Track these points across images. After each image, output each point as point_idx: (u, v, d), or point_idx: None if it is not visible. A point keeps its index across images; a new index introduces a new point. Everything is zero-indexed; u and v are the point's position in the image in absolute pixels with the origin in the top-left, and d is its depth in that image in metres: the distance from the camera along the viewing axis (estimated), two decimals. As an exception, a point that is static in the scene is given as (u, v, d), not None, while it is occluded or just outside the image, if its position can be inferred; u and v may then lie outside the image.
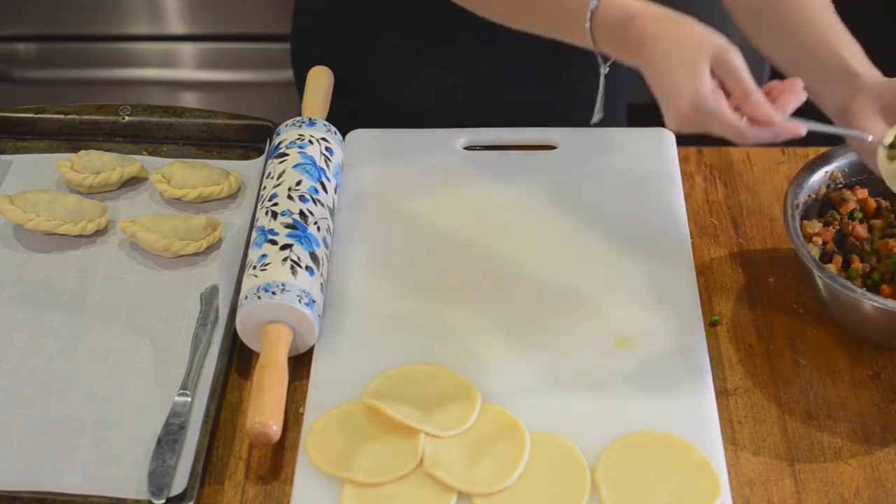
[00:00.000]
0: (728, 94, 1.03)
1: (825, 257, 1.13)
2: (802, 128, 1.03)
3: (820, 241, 1.15)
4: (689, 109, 1.00)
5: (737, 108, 1.02)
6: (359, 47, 1.40)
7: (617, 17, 1.05)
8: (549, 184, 1.28)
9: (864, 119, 1.10)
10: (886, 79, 1.12)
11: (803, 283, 1.19)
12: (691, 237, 1.23)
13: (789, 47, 1.17)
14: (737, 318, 1.17)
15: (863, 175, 1.19)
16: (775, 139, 1.02)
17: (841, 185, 1.20)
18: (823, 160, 1.20)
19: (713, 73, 1.02)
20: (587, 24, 1.05)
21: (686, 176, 1.30)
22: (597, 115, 1.12)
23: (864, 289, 1.08)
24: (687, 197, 1.28)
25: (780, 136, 1.02)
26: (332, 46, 1.40)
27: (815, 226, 1.16)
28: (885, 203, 1.19)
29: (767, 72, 2.43)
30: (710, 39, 1.02)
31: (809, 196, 1.18)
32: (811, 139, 1.29)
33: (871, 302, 1.06)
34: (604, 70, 1.08)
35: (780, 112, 1.02)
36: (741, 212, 1.27)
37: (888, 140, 1.08)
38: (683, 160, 1.32)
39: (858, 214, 1.18)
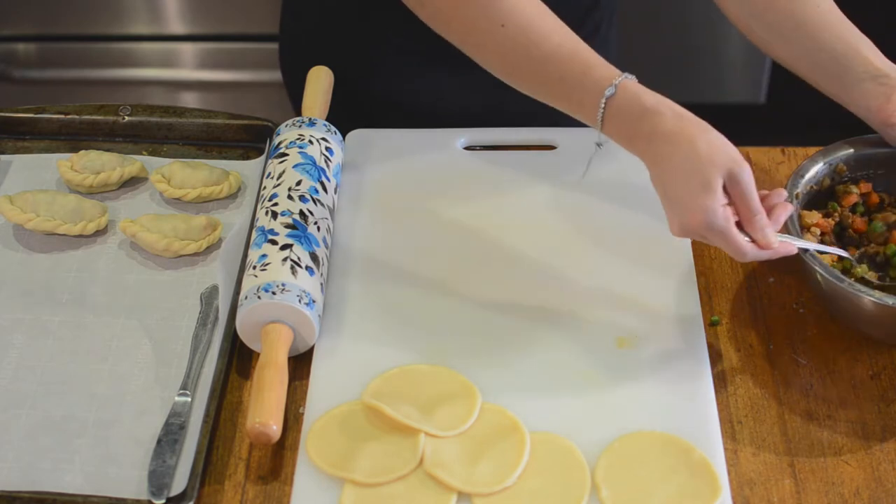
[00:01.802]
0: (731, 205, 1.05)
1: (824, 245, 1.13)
2: (794, 250, 1.07)
3: (818, 231, 1.15)
4: (699, 224, 1.03)
5: (737, 224, 1.04)
6: (355, 48, 1.40)
7: (632, 107, 1.06)
8: (549, 184, 1.28)
9: None
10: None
11: (803, 283, 1.19)
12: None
13: (809, 53, 1.18)
14: (737, 318, 1.17)
15: (869, 170, 1.20)
16: (771, 257, 1.05)
17: (846, 179, 1.20)
18: (828, 153, 1.19)
19: (724, 188, 1.03)
20: (601, 112, 1.06)
21: (686, 176, 1.30)
22: (583, 176, 1.17)
23: (854, 280, 1.09)
24: (687, 197, 1.28)
25: (777, 254, 1.05)
26: (324, 49, 1.40)
27: (814, 216, 1.16)
28: (888, 198, 1.19)
29: (767, 72, 2.44)
30: (725, 153, 1.03)
31: (812, 187, 1.18)
32: (812, 140, 1.30)
33: (867, 296, 1.06)
34: (599, 143, 1.09)
35: (774, 224, 1.05)
36: (741, 212, 1.27)
37: None
38: (683, 160, 1.32)
39: (861, 208, 1.18)
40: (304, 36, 1.45)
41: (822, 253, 1.12)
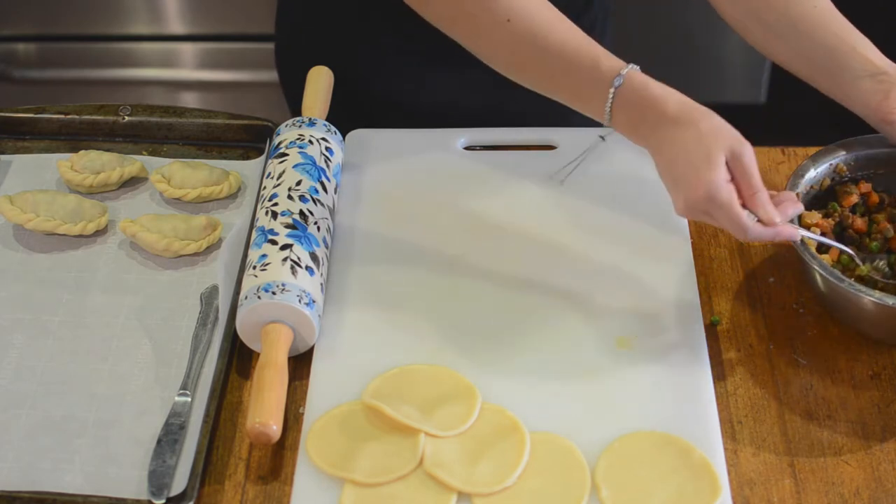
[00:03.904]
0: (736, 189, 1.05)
1: (821, 248, 1.13)
2: (797, 234, 1.07)
3: (818, 231, 1.15)
4: (702, 198, 1.03)
5: (742, 205, 1.05)
6: (355, 48, 1.40)
7: (640, 96, 1.07)
8: (549, 184, 1.28)
9: None
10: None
11: (803, 283, 1.19)
12: (691, 237, 1.23)
13: (807, 52, 1.19)
14: (737, 318, 1.17)
15: (869, 170, 1.20)
16: (773, 239, 1.06)
17: (846, 179, 1.20)
18: (828, 153, 1.19)
19: (727, 165, 1.05)
20: (609, 102, 1.08)
21: (686, 176, 1.30)
22: (563, 176, 1.19)
23: (854, 279, 1.09)
24: (687, 197, 1.28)
25: (778, 237, 1.06)
26: (323, 49, 1.40)
27: (814, 216, 1.16)
28: (888, 198, 1.19)
29: (767, 72, 2.44)
30: (727, 132, 1.05)
31: (812, 187, 1.18)
32: (812, 140, 1.30)
33: (867, 297, 1.06)
34: (602, 136, 1.10)
35: (781, 215, 1.06)
36: (741, 212, 1.27)
37: None
38: (683, 160, 1.32)
39: (861, 208, 1.18)
40: (303, 36, 1.45)
41: (825, 245, 1.12)
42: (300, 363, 1.13)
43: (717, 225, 1.07)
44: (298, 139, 1.24)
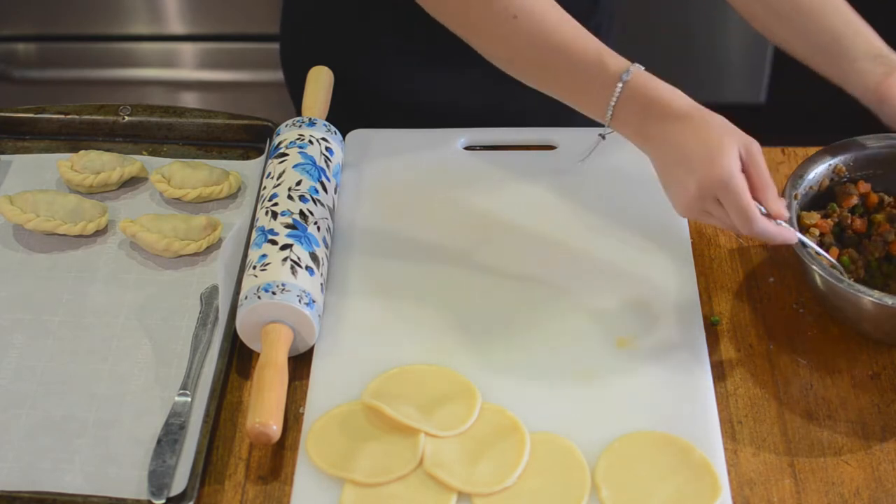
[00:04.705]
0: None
1: (822, 246, 1.13)
2: (796, 237, 1.09)
3: (817, 232, 1.15)
4: (717, 180, 1.04)
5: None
6: (355, 48, 1.40)
7: (646, 92, 1.08)
8: (549, 184, 1.28)
9: None
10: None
11: (803, 283, 1.19)
12: (691, 237, 1.23)
13: (810, 35, 1.19)
14: (737, 318, 1.17)
15: (868, 170, 1.20)
16: (774, 237, 1.07)
17: (845, 179, 1.20)
18: (827, 153, 1.19)
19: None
20: (614, 99, 1.08)
21: (686, 176, 1.30)
22: (582, 161, 1.18)
23: (854, 280, 1.09)
24: (687, 197, 1.28)
25: (780, 235, 1.07)
26: (324, 48, 1.40)
27: (813, 217, 1.16)
28: (887, 198, 1.19)
29: (767, 72, 2.44)
30: (737, 129, 1.07)
31: (811, 188, 1.18)
32: (812, 140, 1.30)
33: (867, 297, 1.06)
34: (602, 135, 1.11)
35: (787, 212, 1.08)
36: (741, 212, 1.27)
37: None
38: (683, 160, 1.32)
39: (860, 209, 1.18)
40: (304, 36, 1.45)
41: (825, 244, 1.12)
42: (300, 363, 1.13)
43: (717, 221, 1.07)
44: (298, 139, 1.24)
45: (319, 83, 1.33)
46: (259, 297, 1.10)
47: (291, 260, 1.12)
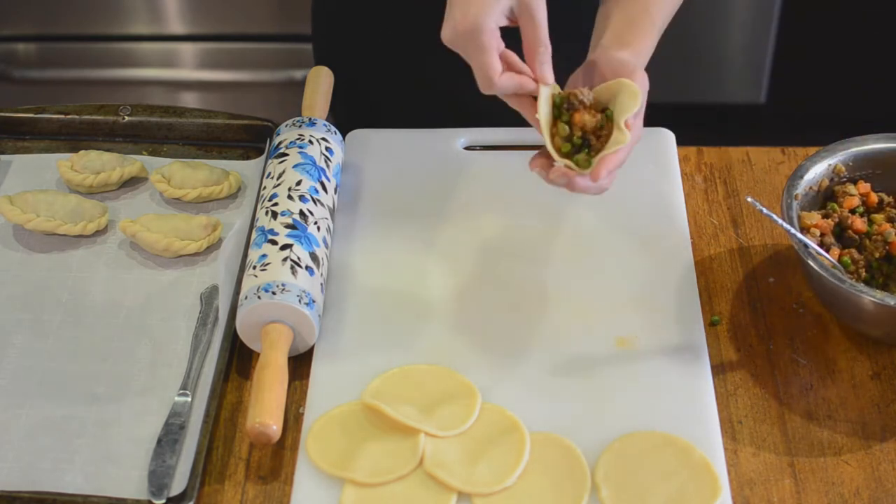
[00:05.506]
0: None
1: (822, 247, 1.13)
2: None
3: (817, 232, 1.15)
4: (462, 34, 1.01)
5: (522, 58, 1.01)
6: (354, 47, 1.40)
7: None
8: (548, 184, 1.28)
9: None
10: (618, 58, 1.09)
11: (803, 283, 1.19)
12: (691, 237, 1.23)
13: (611, 12, 1.14)
14: (737, 318, 1.17)
15: (868, 170, 1.20)
16: (517, 89, 1.04)
17: (845, 179, 1.20)
18: (827, 153, 1.19)
19: (511, 16, 1.02)
20: None
21: (686, 176, 1.30)
22: None
23: (856, 279, 1.09)
24: (687, 197, 1.28)
25: (522, 88, 1.05)
26: (323, 48, 1.40)
27: (814, 217, 1.16)
28: (887, 198, 1.19)
29: (767, 72, 2.44)
30: None
31: (811, 188, 1.18)
32: (812, 140, 1.30)
33: (867, 297, 1.06)
34: None
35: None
36: (741, 212, 1.27)
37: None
38: (683, 160, 1.32)
39: (860, 209, 1.18)
40: (328, 35, 1.42)
41: (826, 244, 1.12)
42: (300, 363, 1.13)
43: (473, 66, 1.04)
44: (298, 139, 1.24)
45: (319, 83, 1.33)
46: (259, 297, 1.10)
47: (291, 260, 1.12)
